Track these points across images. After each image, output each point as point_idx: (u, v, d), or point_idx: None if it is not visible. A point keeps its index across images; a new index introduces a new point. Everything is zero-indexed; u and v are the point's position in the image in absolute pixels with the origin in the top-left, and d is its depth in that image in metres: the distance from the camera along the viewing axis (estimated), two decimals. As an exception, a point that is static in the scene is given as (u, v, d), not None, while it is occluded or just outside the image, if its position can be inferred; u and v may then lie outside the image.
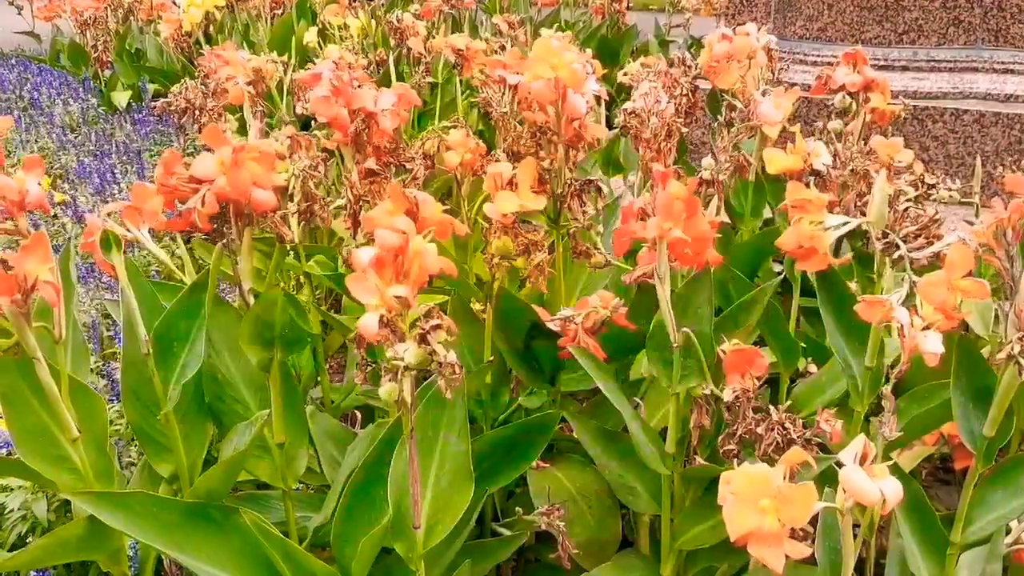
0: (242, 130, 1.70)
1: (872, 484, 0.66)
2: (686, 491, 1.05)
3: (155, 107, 1.87)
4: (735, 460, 0.91)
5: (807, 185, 1.04)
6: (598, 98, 1.41)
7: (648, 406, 1.15)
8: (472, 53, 2.29)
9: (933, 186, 1.25)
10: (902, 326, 0.70)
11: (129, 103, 3.43)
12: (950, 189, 1.53)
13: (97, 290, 1.89)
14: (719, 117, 1.35)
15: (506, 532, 1.10)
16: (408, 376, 0.72)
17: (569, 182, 1.05)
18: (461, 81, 2.36)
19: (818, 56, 2.35)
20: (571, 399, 1.25)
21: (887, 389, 0.71)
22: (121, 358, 0.96)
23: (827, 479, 0.97)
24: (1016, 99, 2.16)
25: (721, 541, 1.01)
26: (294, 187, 0.89)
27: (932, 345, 0.69)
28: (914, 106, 1.75)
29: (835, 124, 1.40)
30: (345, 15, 2.82)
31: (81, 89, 3.55)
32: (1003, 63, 2.19)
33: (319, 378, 1.27)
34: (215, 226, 0.90)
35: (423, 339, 0.70)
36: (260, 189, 0.87)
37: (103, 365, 1.56)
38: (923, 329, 0.70)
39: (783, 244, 0.89)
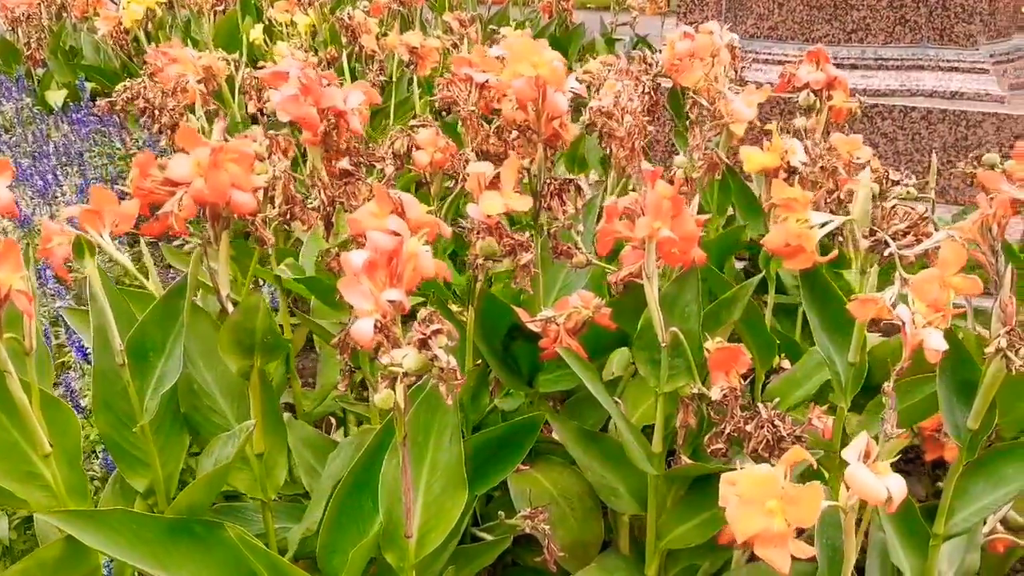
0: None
1: (878, 482, 0.66)
2: (668, 491, 1.05)
3: (97, 107, 1.80)
4: (731, 460, 0.90)
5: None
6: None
7: (628, 405, 1.15)
8: (426, 51, 2.26)
9: (897, 182, 1.27)
10: (904, 323, 0.70)
11: (66, 102, 3.32)
12: (906, 185, 1.56)
13: (44, 297, 1.82)
14: (689, 115, 1.35)
15: (487, 537, 1.09)
16: (405, 382, 0.70)
17: (549, 181, 1.04)
18: (414, 79, 2.33)
19: (768, 54, 2.37)
20: (544, 400, 1.24)
21: (888, 386, 0.71)
22: (92, 369, 0.91)
23: (813, 474, 0.98)
24: (961, 96, 2.21)
25: (703, 540, 1.01)
26: (275, 189, 0.86)
27: (936, 342, 0.70)
28: (864, 104, 1.78)
29: (800, 121, 1.41)
30: (293, 11, 2.77)
31: (14, 88, 3.42)
32: (948, 61, 2.24)
33: (291, 384, 1.24)
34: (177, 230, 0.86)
35: (423, 344, 0.68)
36: (239, 191, 0.84)
37: (55, 375, 1.50)
38: (923, 327, 0.71)
39: (769, 243, 0.89)
